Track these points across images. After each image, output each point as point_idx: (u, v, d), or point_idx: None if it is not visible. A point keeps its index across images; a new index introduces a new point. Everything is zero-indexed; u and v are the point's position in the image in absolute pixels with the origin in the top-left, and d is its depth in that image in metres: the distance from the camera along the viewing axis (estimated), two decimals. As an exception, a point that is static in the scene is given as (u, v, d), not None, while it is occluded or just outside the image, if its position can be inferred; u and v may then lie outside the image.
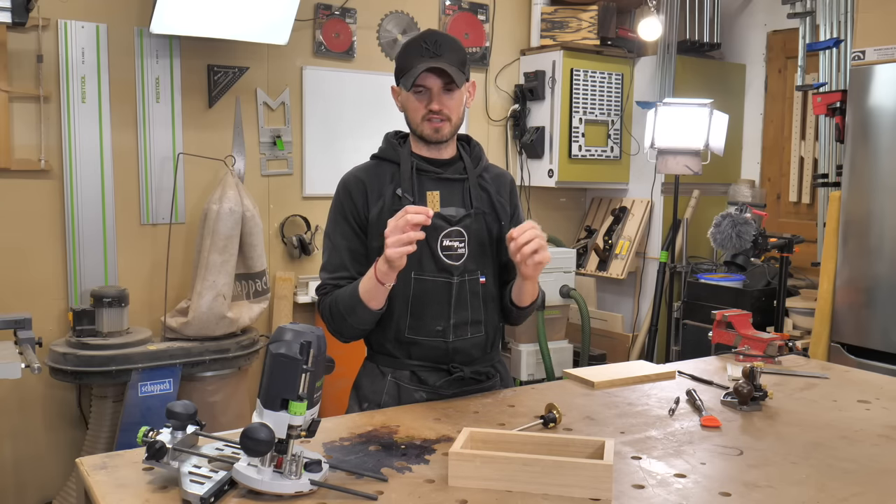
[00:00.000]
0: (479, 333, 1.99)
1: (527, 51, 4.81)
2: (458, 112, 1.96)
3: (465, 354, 1.99)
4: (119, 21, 3.60)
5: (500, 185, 2.07)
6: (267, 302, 3.79)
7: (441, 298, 1.93)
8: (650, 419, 1.81)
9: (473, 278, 1.96)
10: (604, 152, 4.76)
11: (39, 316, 3.38)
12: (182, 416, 1.42)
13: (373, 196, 1.96)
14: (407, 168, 1.96)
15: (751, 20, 4.89)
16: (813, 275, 4.17)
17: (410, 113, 1.96)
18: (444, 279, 1.93)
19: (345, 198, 1.98)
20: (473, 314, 1.97)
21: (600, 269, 4.87)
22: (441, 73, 1.88)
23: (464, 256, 1.95)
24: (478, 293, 1.98)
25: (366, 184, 1.97)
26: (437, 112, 1.91)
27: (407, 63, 1.89)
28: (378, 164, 2.02)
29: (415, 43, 1.91)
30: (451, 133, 1.96)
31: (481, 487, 1.38)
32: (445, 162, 2.00)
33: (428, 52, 1.87)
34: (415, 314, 1.93)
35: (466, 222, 1.95)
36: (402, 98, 1.97)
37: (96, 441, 3.38)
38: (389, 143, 2.04)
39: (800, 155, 4.59)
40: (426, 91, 1.91)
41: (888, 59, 3.33)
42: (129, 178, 3.69)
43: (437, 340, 1.95)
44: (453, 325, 1.94)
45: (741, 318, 2.45)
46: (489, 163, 2.11)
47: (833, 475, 1.49)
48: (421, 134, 1.95)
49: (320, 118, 4.15)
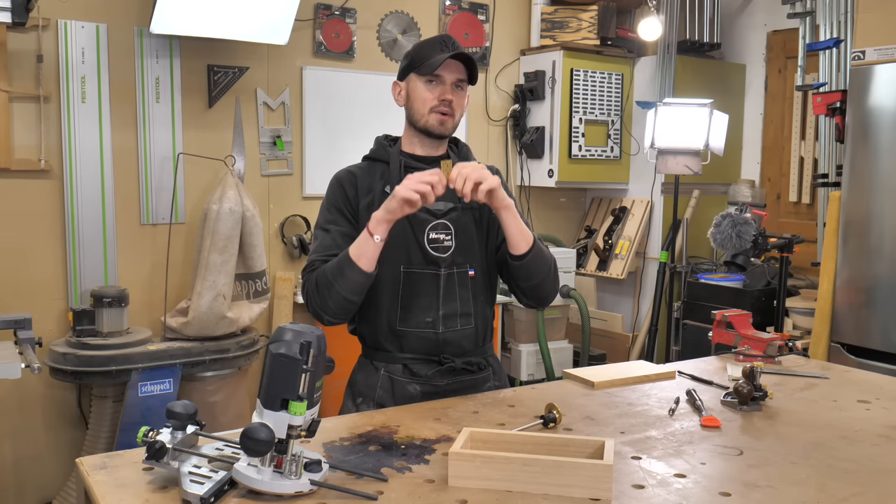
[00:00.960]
0: (469, 325, 2.02)
1: (527, 51, 4.81)
2: (461, 111, 2.03)
3: (456, 346, 2.01)
4: (119, 21, 3.60)
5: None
6: (267, 302, 3.79)
7: (429, 290, 1.97)
8: (650, 419, 1.81)
9: (462, 271, 2.00)
10: (604, 152, 4.76)
11: (39, 316, 3.38)
12: (182, 416, 1.42)
13: (363, 190, 2.01)
14: (396, 166, 2.00)
15: (751, 20, 4.89)
16: (813, 275, 4.17)
17: (417, 104, 1.99)
18: (431, 271, 1.97)
19: (337, 189, 2.02)
20: (462, 306, 2.00)
21: (600, 269, 4.87)
22: (458, 67, 1.96)
23: (451, 249, 1.98)
24: (467, 286, 2.01)
25: (357, 178, 2.03)
26: (448, 104, 1.97)
27: (427, 54, 1.97)
28: (370, 165, 2.07)
29: (432, 39, 1.99)
30: (452, 129, 2.02)
31: (481, 487, 1.38)
32: (435, 159, 2.03)
33: (447, 48, 1.95)
34: (404, 306, 1.97)
35: (452, 215, 1.99)
36: (410, 89, 2.01)
37: (96, 441, 3.38)
38: (380, 144, 2.09)
39: (800, 155, 4.59)
40: (440, 82, 1.97)
41: (888, 59, 3.33)
42: (129, 178, 3.69)
43: (427, 332, 1.98)
44: (442, 316, 1.98)
45: (741, 318, 2.45)
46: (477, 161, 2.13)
47: (833, 475, 1.49)
48: (425, 125, 1.99)
49: (320, 118, 4.15)
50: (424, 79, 1.97)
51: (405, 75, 2.03)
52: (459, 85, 1.99)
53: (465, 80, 1.99)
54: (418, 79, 1.98)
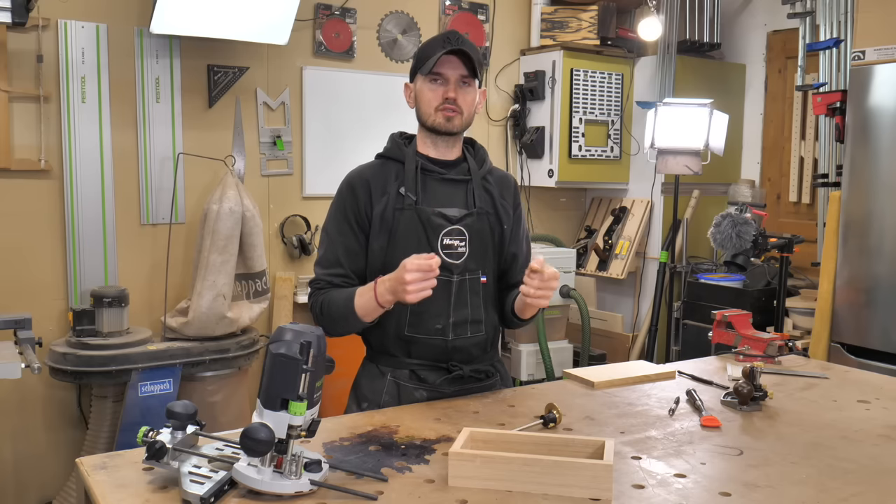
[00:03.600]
0: (480, 333, 2.00)
1: (527, 51, 4.81)
2: (470, 108, 1.99)
3: (465, 353, 1.99)
4: (119, 21, 3.60)
5: (504, 188, 2.09)
6: (267, 302, 3.79)
7: (441, 296, 1.93)
8: (650, 419, 1.81)
9: (474, 277, 1.97)
10: (604, 152, 4.76)
11: (39, 316, 3.38)
12: (182, 416, 1.42)
13: (377, 194, 1.97)
14: (412, 167, 1.97)
15: (751, 20, 4.89)
16: (813, 275, 4.17)
17: (423, 104, 1.97)
18: (444, 277, 1.93)
19: (348, 195, 1.99)
20: (473, 313, 1.98)
21: (600, 269, 4.87)
22: (460, 63, 1.93)
23: (464, 255, 1.96)
24: (478, 292, 1.98)
25: (370, 182, 1.99)
26: (452, 102, 1.93)
27: (428, 52, 1.94)
28: (383, 164, 2.03)
29: (437, 37, 1.96)
30: (461, 126, 1.98)
31: (481, 487, 1.38)
32: (450, 163, 2.02)
33: (449, 44, 1.92)
34: (415, 312, 1.94)
35: (467, 221, 1.96)
36: (417, 89, 1.99)
37: (96, 441, 3.38)
38: (395, 142, 2.05)
39: (800, 155, 4.59)
40: (443, 80, 1.94)
41: (888, 59, 3.33)
42: (129, 178, 3.69)
43: (436, 339, 1.95)
44: (453, 323, 1.95)
45: (741, 318, 2.45)
46: (493, 165, 2.13)
47: (833, 475, 1.49)
48: (433, 124, 1.97)
49: (320, 118, 4.15)
50: (428, 78, 1.95)
51: (414, 76, 2.01)
52: (466, 81, 1.95)
53: (469, 76, 1.95)
54: (423, 79, 1.96)
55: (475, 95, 1.99)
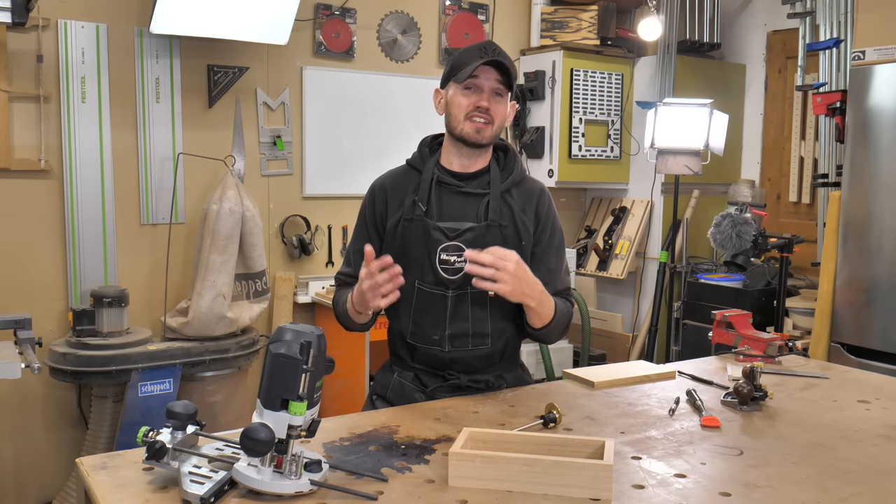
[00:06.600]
0: (484, 345, 1.99)
1: (527, 51, 4.81)
2: (501, 120, 1.97)
3: (465, 364, 2.00)
4: (119, 21, 3.60)
5: (527, 202, 2.03)
6: (267, 302, 3.79)
7: (437, 310, 1.95)
8: (650, 419, 1.81)
9: (477, 291, 1.89)
10: (604, 152, 4.76)
11: (39, 316, 3.38)
12: (182, 416, 1.42)
13: (393, 204, 2.00)
14: (427, 178, 1.98)
15: (751, 20, 4.89)
16: (813, 275, 4.17)
17: (454, 110, 1.96)
18: (440, 292, 1.95)
19: (369, 201, 2.07)
20: (475, 327, 1.97)
21: (600, 269, 4.87)
22: (495, 74, 1.92)
23: (461, 271, 1.92)
24: (485, 306, 1.96)
25: (388, 192, 2.02)
26: (484, 111, 1.92)
27: (465, 60, 1.93)
28: (407, 172, 2.05)
29: (473, 46, 1.95)
30: (490, 138, 1.96)
31: (481, 487, 1.38)
32: (471, 175, 2.00)
33: (486, 54, 1.90)
34: (415, 321, 1.98)
35: (467, 236, 1.93)
36: (449, 96, 1.98)
37: (96, 441, 3.38)
38: (421, 151, 2.07)
39: (800, 155, 4.59)
40: (477, 89, 1.93)
41: (888, 59, 3.33)
42: (129, 178, 3.69)
43: (434, 349, 1.98)
44: (449, 336, 1.96)
45: (741, 318, 2.45)
46: (525, 175, 2.08)
47: (833, 475, 1.49)
48: (461, 133, 1.95)
49: (320, 118, 4.14)
50: (462, 86, 1.93)
51: (446, 83, 1.99)
52: (499, 93, 1.94)
53: (503, 87, 1.93)
54: (456, 86, 1.95)
55: (507, 108, 1.98)
